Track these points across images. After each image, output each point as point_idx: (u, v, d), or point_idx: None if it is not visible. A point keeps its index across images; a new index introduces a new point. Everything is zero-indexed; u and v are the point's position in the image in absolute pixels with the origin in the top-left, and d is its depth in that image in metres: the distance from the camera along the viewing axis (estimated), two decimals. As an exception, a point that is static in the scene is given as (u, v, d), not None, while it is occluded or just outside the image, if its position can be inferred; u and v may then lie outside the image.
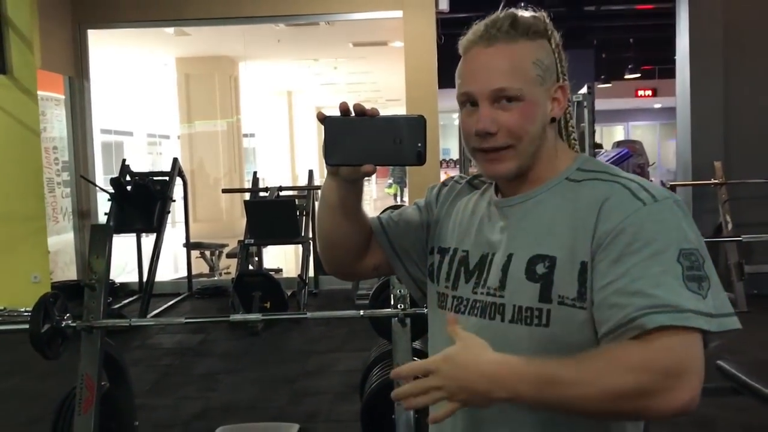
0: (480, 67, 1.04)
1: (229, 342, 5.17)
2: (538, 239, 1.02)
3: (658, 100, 17.85)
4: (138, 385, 4.06)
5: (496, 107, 1.02)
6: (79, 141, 6.92)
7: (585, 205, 1.00)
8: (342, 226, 1.15)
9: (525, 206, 1.07)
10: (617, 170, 1.05)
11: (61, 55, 6.64)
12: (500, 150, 1.03)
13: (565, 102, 1.08)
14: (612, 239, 0.94)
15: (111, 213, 5.98)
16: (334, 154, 1.01)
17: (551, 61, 1.05)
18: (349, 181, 1.07)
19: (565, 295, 0.98)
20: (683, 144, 6.20)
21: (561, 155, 1.09)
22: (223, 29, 8.04)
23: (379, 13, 6.63)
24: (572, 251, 0.98)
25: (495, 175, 1.07)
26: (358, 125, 0.99)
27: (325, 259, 1.24)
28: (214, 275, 7.47)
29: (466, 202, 1.19)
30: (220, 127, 10.78)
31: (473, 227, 1.14)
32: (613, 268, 0.93)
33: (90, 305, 2.46)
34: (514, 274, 1.03)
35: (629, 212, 0.95)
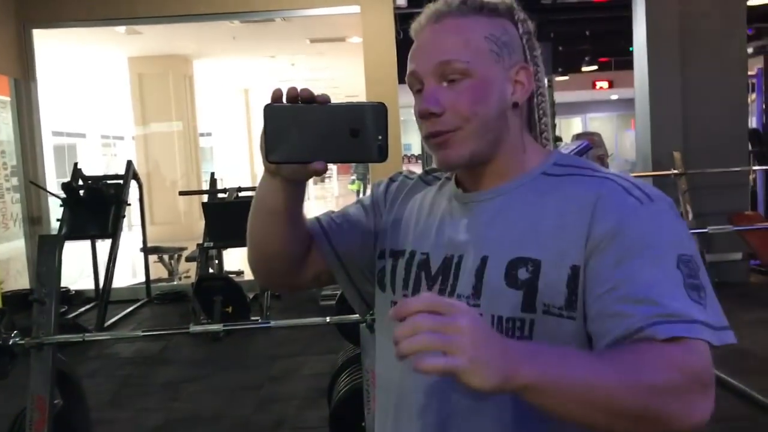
0: (425, 44, 0.94)
1: (191, 348, 5.03)
2: (519, 240, 0.90)
3: (615, 92, 18.10)
4: (96, 398, 3.92)
5: (443, 86, 0.91)
6: (27, 144, 6.66)
7: (573, 202, 0.89)
8: (279, 235, 0.99)
9: (496, 203, 0.95)
10: (599, 166, 0.95)
11: (5, 56, 6.37)
12: (447, 133, 0.91)
13: (530, 86, 0.95)
14: (610, 241, 0.84)
15: (63, 219, 5.78)
16: (276, 149, 0.84)
17: (512, 40, 0.94)
18: (293, 183, 0.92)
19: (551, 303, 0.86)
20: (642, 134, 6.25)
21: (530, 151, 0.97)
22: (176, 27, 7.84)
23: (335, 8, 6.52)
24: (560, 254, 0.87)
25: (446, 162, 0.94)
26: (305, 115, 0.84)
27: (258, 272, 1.07)
28: (174, 280, 7.29)
29: (420, 200, 1.06)
30: (176, 127, 10.56)
31: (432, 227, 1.01)
32: (613, 273, 0.82)
33: (40, 321, 2.32)
34: (491, 280, 0.90)
35: (626, 211, 0.85)
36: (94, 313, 5.72)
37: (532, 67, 0.96)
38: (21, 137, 6.64)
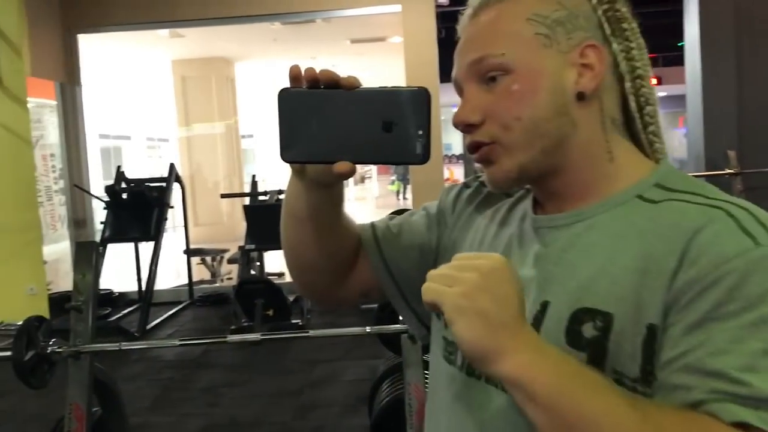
0: (461, 44, 0.78)
1: (231, 352, 5.00)
2: (589, 285, 0.70)
3: (662, 89, 17.66)
4: (138, 402, 3.92)
5: (484, 89, 0.74)
6: (72, 148, 6.76)
7: (662, 237, 0.67)
8: (315, 244, 0.83)
9: (572, 230, 0.74)
10: (716, 190, 0.71)
11: (52, 62, 6.47)
12: (485, 146, 0.74)
13: (601, 69, 0.72)
14: (696, 294, 0.62)
15: (107, 222, 5.84)
16: (292, 146, 0.68)
17: (573, 14, 0.73)
18: (322, 186, 0.76)
19: (623, 371, 0.66)
20: (695, 133, 6.02)
21: (623, 161, 0.75)
22: (217, 29, 7.88)
23: (377, 8, 6.45)
24: (638, 307, 0.66)
25: (492, 182, 0.76)
26: (328, 103, 0.68)
27: (296, 283, 0.92)
28: (216, 281, 7.32)
29: (491, 214, 0.87)
30: (219, 129, 10.64)
31: (497, 251, 0.81)
32: (689, 335, 0.62)
33: (77, 329, 2.29)
34: (549, 335, 0.70)
35: (731, 254, 0.62)
36: (137, 315, 5.76)
37: (619, 44, 0.74)
38: (67, 141, 6.75)
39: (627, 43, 0.75)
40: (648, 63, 0.77)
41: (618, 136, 0.76)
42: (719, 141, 5.70)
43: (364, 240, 0.90)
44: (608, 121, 0.75)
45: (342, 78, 0.68)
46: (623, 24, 0.75)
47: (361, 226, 0.91)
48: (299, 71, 0.69)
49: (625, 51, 0.75)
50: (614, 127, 0.75)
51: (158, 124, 15.63)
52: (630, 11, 0.76)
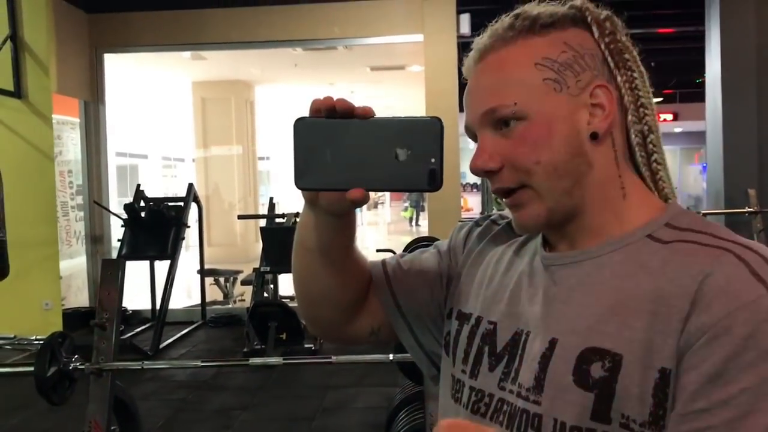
0: (470, 91, 0.78)
1: (244, 375, 4.98)
2: (597, 324, 0.69)
3: (679, 124, 17.66)
4: (149, 421, 3.90)
5: (498, 135, 0.74)
6: (93, 165, 6.84)
7: (673, 280, 0.66)
8: (325, 277, 0.83)
9: (582, 268, 0.74)
10: (725, 230, 0.71)
11: (77, 79, 6.57)
12: (513, 192, 0.74)
13: (612, 108, 0.73)
14: (709, 340, 0.62)
15: (124, 239, 5.86)
16: (306, 173, 0.69)
17: (579, 55, 0.73)
18: (334, 215, 0.76)
19: (630, 415, 0.65)
20: (714, 170, 6.01)
21: (635, 199, 0.75)
22: (239, 53, 7.98)
23: (399, 37, 6.52)
24: (648, 350, 0.65)
25: (522, 226, 0.77)
26: (342, 131, 0.68)
27: (305, 317, 0.91)
28: (229, 303, 7.31)
29: (501, 252, 0.86)
30: (236, 150, 10.72)
31: (506, 289, 0.81)
32: (709, 388, 0.61)
33: (100, 346, 2.30)
34: (556, 373, 0.70)
35: (742, 300, 0.61)
36: (150, 333, 5.76)
37: (623, 75, 0.75)
38: (88, 158, 6.82)
39: (630, 72, 0.75)
40: (650, 91, 0.77)
41: (629, 171, 0.76)
42: (739, 179, 5.69)
43: (374, 277, 0.89)
44: (621, 156, 0.75)
45: (357, 107, 0.69)
46: (625, 55, 0.75)
47: (372, 263, 0.91)
48: (322, 106, 0.70)
49: (628, 81, 0.75)
50: (625, 160, 0.76)
51: (175, 144, 15.77)
52: (630, 40, 0.77)
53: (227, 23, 6.58)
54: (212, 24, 6.60)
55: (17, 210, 5.62)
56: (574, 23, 0.75)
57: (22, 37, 5.64)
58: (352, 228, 0.81)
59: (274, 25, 6.56)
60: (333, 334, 0.92)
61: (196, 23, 6.59)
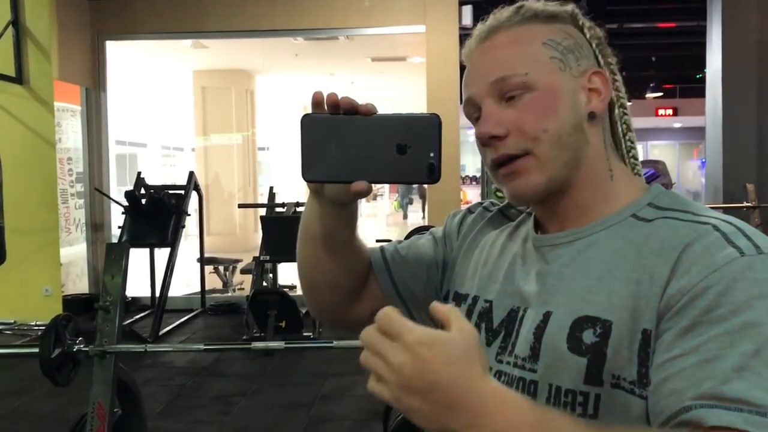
0: (477, 65, 0.82)
1: (243, 362, 5.02)
2: (588, 295, 0.75)
3: (678, 120, 17.69)
4: (149, 407, 3.92)
5: (503, 105, 0.79)
6: (94, 152, 6.84)
7: (656, 250, 0.72)
8: (328, 264, 0.89)
9: (573, 247, 0.79)
10: (704, 207, 0.78)
11: (79, 66, 6.57)
12: (516, 159, 0.78)
13: (607, 93, 0.80)
14: (688, 301, 0.66)
15: (124, 226, 5.88)
16: (313, 166, 0.74)
17: (578, 45, 0.81)
18: (338, 205, 0.82)
19: (621, 375, 0.70)
20: (713, 165, 6.04)
21: (621, 181, 0.81)
22: (240, 42, 7.97)
23: (401, 27, 6.52)
24: (633, 314, 0.71)
25: (519, 194, 0.80)
26: (346, 127, 0.74)
27: (309, 303, 0.97)
28: (228, 291, 7.34)
29: (494, 237, 0.92)
30: (236, 140, 10.72)
31: (501, 270, 0.86)
32: (682, 340, 0.65)
33: (104, 329, 2.32)
34: (551, 342, 0.75)
35: (718, 264, 0.67)
36: (149, 320, 5.79)
37: (609, 74, 0.82)
38: (89, 145, 6.82)
39: (613, 75, 0.83)
40: (626, 95, 0.86)
41: (615, 156, 0.83)
42: (738, 173, 5.72)
43: (374, 262, 0.95)
44: (608, 141, 0.83)
45: (360, 105, 0.74)
46: (609, 58, 0.84)
47: (371, 249, 0.96)
48: (322, 97, 0.75)
49: (612, 82, 0.83)
50: (611, 147, 0.83)
51: (174, 133, 15.75)
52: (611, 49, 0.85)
53: (229, 11, 6.58)
54: (214, 12, 6.60)
55: (18, 196, 5.64)
56: (568, 21, 0.83)
57: (24, 23, 5.64)
58: (354, 217, 0.86)
59: (275, 14, 6.56)
60: (335, 318, 0.97)
61: (198, 11, 6.59)
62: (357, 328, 0.98)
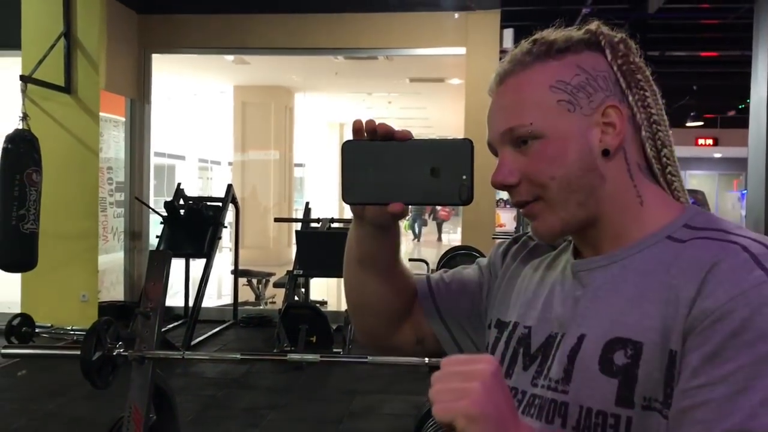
0: (491, 111, 0.84)
1: (273, 375, 5.04)
2: (620, 316, 0.75)
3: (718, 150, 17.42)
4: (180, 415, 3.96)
5: (517, 152, 0.80)
6: (135, 163, 6.98)
7: (684, 270, 0.72)
8: (370, 286, 0.91)
9: (608, 271, 0.79)
10: (738, 226, 0.77)
11: (125, 78, 6.73)
12: (528, 204, 0.81)
13: (622, 126, 0.78)
14: (712, 323, 0.66)
15: (162, 236, 5.97)
16: (352, 189, 0.78)
17: (592, 77, 0.79)
18: (378, 227, 0.84)
19: (653, 397, 0.70)
20: (755, 197, 5.92)
21: (654, 204, 0.80)
22: (282, 59, 8.11)
23: (441, 49, 6.57)
24: (663, 335, 0.70)
25: (538, 235, 0.83)
26: (383, 152, 0.77)
27: (355, 325, 1.00)
28: (260, 304, 7.39)
29: (537, 265, 0.93)
30: (273, 155, 10.85)
31: (541, 297, 0.87)
32: (709, 366, 0.65)
33: (143, 334, 2.35)
34: (583, 363, 0.76)
35: (745, 286, 0.66)
36: (182, 330, 5.84)
37: (634, 95, 0.80)
38: (131, 156, 6.96)
39: (642, 92, 0.80)
40: (662, 108, 0.82)
41: (646, 180, 0.81)
42: (781, 205, 5.60)
43: (419, 289, 0.97)
44: (634, 168, 0.80)
45: (396, 131, 0.77)
46: (637, 75, 0.80)
47: (417, 278, 0.98)
48: (362, 125, 0.78)
49: (641, 100, 0.80)
50: (641, 171, 0.81)
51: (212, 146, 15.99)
52: (643, 60, 0.82)
53: (272, 29, 6.70)
54: (257, 29, 6.73)
55: (60, 203, 5.78)
56: (588, 46, 0.80)
57: (75, 35, 5.82)
58: (395, 241, 0.88)
59: (317, 32, 6.66)
60: (380, 342, 1.00)
61: (241, 28, 6.72)
62: (401, 353, 1.03)
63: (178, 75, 9.51)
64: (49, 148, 5.23)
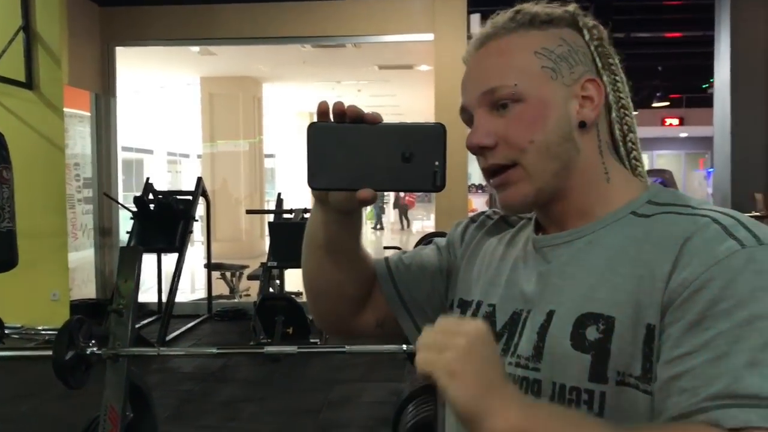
0: (470, 73, 0.83)
1: (250, 368, 5.02)
2: (590, 291, 0.75)
3: (684, 129, 17.66)
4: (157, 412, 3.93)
5: (494, 115, 0.79)
6: (103, 158, 6.87)
7: (656, 245, 0.72)
8: (333, 272, 0.89)
9: (573, 247, 0.80)
10: (702, 201, 0.78)
11: (89, 72, 6.60)
12: (505, 169, 0.79)
13: (600, 100, 0.79)
14: (691, 294, 0.67)
15: (133, 231, 5.89)
16: (319, 174, 0.74)
17: (573, 50, 0.80)
18: (342, 213, 0.82)
19: (626, 371, 0.70)
20: (721, 175, 6.03)
21: (619, 182, 0.81)
22: (248, 49, 8.02)
23: (409, 36, 6.54)
24: (636, 309, 0.71)
25: (509, 205, 0.81)
26: (352, 136, 0.74)
27: (314, 311, 0.97)
28: (234, 297, 7.34)
29: (496, 243, 0.92)
30: (242, 147, 10.75)
31: (503, 274, 0.87)
32: (690, 335, 0.66)
33: (117, 332, 2.32)
34: (554, 340, 0.76)
35: (719, 256, 0.67)
36: (156, 326, 5.79)
37: (608, 76, 0.82)
38: (98, 151, 6.85)
39: (614, 76, 0.82)
40: (629, 95, 0.84)
41: (612, 159, 0.82)
42: (746, 183, 5.71)
43: (378, 272, 0.95)
44: (604, 146, 0.82)
45: (366, 113, 0.74)
46: (610, 59, 0.82)
47: (376, 260, 0.97)
48: (327, 107, 0.75)
49: (612, 83, 0.82)
50: (608, 150, 0.82)
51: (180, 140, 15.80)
52: (613, 48, 0.84)
53: (237, 18, 6.61)
54: (222, 19, 6.63)
55: (27, 201, 5.64)
56: (567, 24, 0.82)
57: (35, 29, 5.67)
58: (358, 226, 0.87)
59: (284, 21, 6.59)
60: (340, 327, 0.98)
61: (206, 18, 6.63)
62: (360, 337, 1.01)
63: (144, 68, 9.36)
64: (13, 145, 5.06)
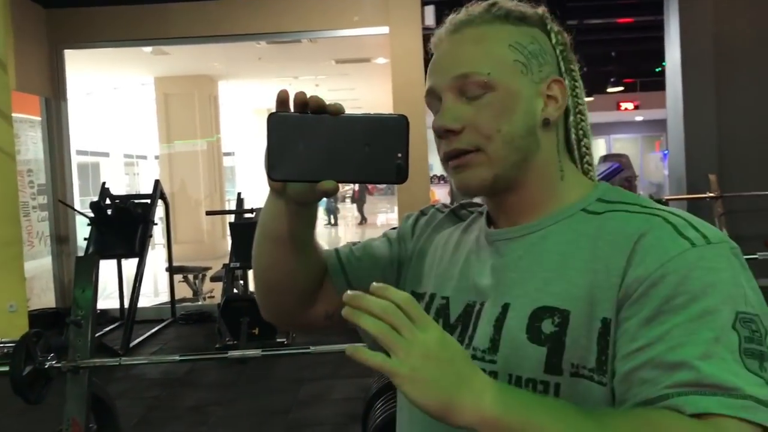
0: (443, 56, 0.83)
1: (217, 370, 4.96)
2: (545, 285, 0.77)
3: (640, 113, 17.97)
4: (123, 420, 3.85)
5: (463, 101, 0.80)
6: (56, 163, 6.70)
7: (610, 241, 0.75)
8: (286, 264, 0.87)
9: (527, 241, 0.82)
10: (650, 201, 0.81)
11: (37, 76, 6.43)
12: (467, 153, 0.80)
13: (564, 102, 0.82)
14: (646, 290, 0.70)
15: (91, 238, 5.76)
16: (279, 165, 0.73)
17: (542, 50, 0.82)
18: (300, 204, 0.81)
19: (580, 363, 0.73)
20: (676, 157, 6.15)
21: (571, 181, 0.84)
22: (202, 48, 7.89)
23: (364, 29, 6.51)
24: (590, 303, 0.73)
25: (466, 186, 0.82)
26: (314, 126, 0.72)
27: (263, 305, 0.95)
28: (198, 300, 7.25)
29: (448, 235, 0.94)
30: (200, 146, 10.61)
31: (456, 267, 0.88)
32: (646, 329, 0.68)
33: (76, 343, 2.27)
34: (510, 333, 0.77)
35: (672, 254, 0.70)
36: (119, 332, 5.68)
37: (569, 81, 0.84)
38: (50, 156, 6.68)
39: (574, 82, 0.85)
40: (585, 103, 0.88)
41: (567, 159, 0.86)
42: (700, 164, 5.84)
43: (329, 263, 0.95)
44: (561, 145, 0.85)
45: (329, 104, 0.73)
46: (572, 65, 0.85)
47: (326, 251, 0.96)
48: (287, 96, 0.74)
49: (572, 89, 0.85)
50: (564, 151, 0.85)
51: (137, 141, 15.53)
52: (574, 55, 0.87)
53: (190, 17, 6.50)
54: (175, 18, 6.51)
55: (-22, 210, 5.49)
56: (537, 25, 0.84)
57: (-21, 34, 5.50)
58: (314, 217, 0.86)
59: (237, 18, 6.50)
60: (290, 320, 0.97)
61: (158, 18, 6.50)
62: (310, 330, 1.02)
63: (96, 69, 9.16)
64: (-41, 154, 4.95)
